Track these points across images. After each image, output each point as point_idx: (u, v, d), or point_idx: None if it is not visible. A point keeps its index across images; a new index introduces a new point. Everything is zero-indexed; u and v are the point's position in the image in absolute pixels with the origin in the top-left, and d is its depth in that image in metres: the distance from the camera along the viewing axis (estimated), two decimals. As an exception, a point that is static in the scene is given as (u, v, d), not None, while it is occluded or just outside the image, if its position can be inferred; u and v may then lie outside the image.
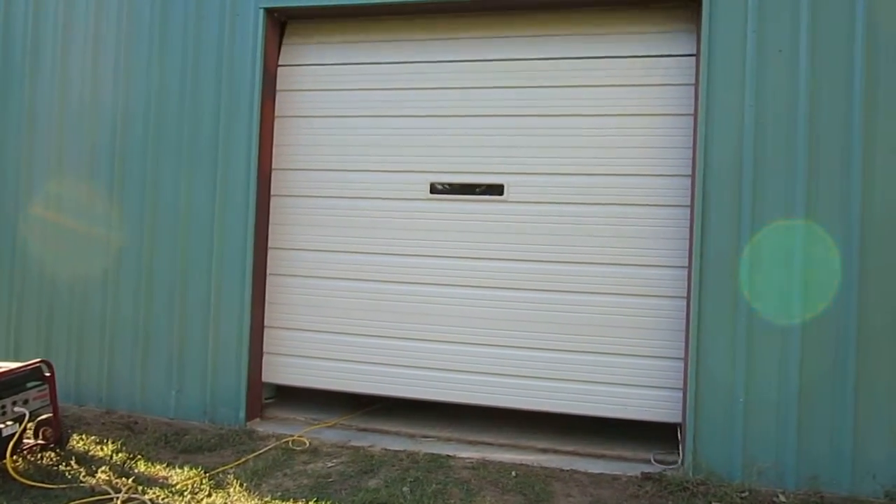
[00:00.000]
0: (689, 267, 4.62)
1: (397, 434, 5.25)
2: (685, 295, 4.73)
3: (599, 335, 4.97)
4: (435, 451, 4.82)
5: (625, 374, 4.92)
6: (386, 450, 4.85)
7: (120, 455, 4.55)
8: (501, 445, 5.06)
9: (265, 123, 5.41)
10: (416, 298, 5.30)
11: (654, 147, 4.90)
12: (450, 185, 5.26)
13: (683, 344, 4.73)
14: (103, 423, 5.24)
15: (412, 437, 5.20)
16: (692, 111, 4.78)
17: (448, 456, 4.74)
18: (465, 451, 4.90)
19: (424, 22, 5.36)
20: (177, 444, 4.85)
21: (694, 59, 4.80)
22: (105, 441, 4.79)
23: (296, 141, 5.58)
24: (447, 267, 5.25)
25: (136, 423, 5.28)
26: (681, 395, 4.78)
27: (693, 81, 4.80)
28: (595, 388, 4.98)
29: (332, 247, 5.47)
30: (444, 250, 5.25)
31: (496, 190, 5.18)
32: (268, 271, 5.57)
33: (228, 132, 5.37)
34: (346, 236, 5.44)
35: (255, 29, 5.32)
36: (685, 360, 4.67)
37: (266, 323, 5.57)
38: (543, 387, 5.07)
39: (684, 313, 4.74)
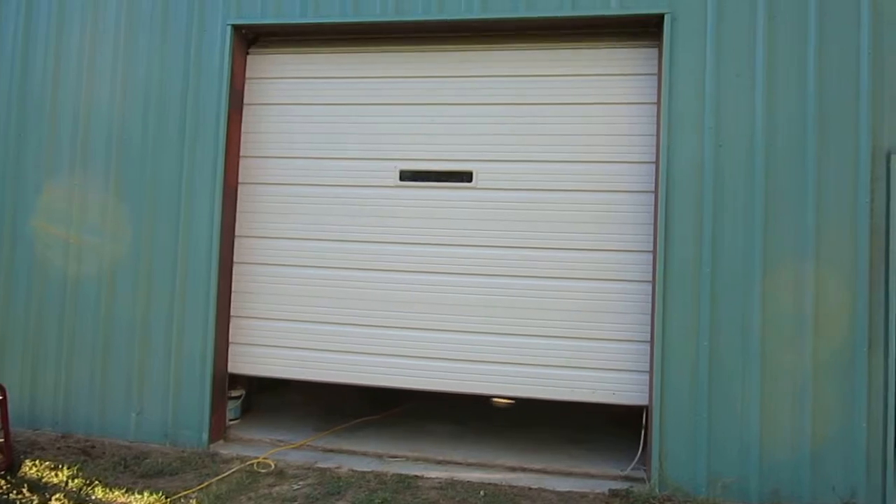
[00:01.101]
0: (655, 251, 4.72)
1: (364, 454, 5.19)
2: (651, 279, 4.81)
3: (569, 320, 4.99)
4: (403, 472, 4.77)
5: (594, 357, 4.96)
6: (353, 471, 4.78)
7: (76, 481, 4.39)
8: (469, 464, 5.04)
9: (233, 114, 5.36)
10: (386, 285, 5.27)
11: (619, 135, 5.00)
12: (419, 172, 5.27)
13: (650, 327, 4.80)
14: (59, 448, 5.06)
15: (379, 457, 5.14)
16: (656, 100, 4.90)
17: (416, 476, 4.70)
18: (433, 470, 4.87)
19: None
20: (136, 468, 4.70)
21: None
22: (60, 466, 4.62)
23: (265, 129, 5.54)
24: (417, 254, 5.24)
25: (94, 447, 5.11)
26: (647, 377, 4.83)
27: (656, 71, 4.94)
28: (565, 372, 4.99)
29: (300, 234, 5.41)
30: (413, 237, 5.25)
31: (465, 177, 5.21)
32: (234, 259, 5.48)
33: (196, 126, 5.32)
34: (315, 224, 5.40)
35: (222, 46, 5.30)
36: (651, 342, 4.73)
37: (232, 313, 5.46)
38: (514, 372, 5.07)
39: (650, 297, 4.81)
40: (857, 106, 4.44)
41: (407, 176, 5.29)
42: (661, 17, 4.73)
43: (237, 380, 6.06)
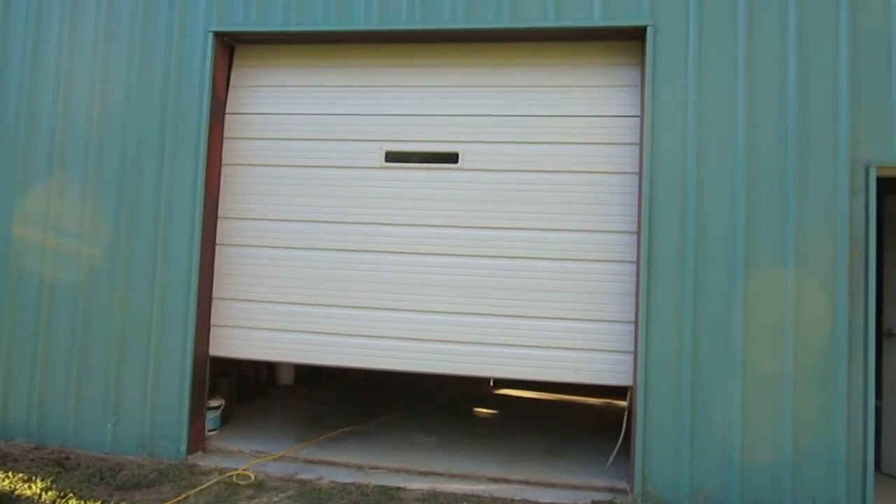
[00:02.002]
0: (639, 232, 4.74)
1: (346, 466, 5.13)
2: (635, 259, 4.82)
3: (554, 300, 4.97)
4: (384, 483, 4.73)
5: (579, 338, 4.94)
6: (334, 482, 4.73)
7: (49, 494, 4.28)
8: (452, 475, 5.00)
9: (215, 112, 5.32)
10: (372, 267, 5.22)
11: (602, 115, 5.03)
12: (404, 153, 5.25)
13: (634, 308, 4.80)
14: (32, 460, 4.94)
15: (361, 468, 5.09)
16: (639, 84, 4.94)
17: (398, 487, 4.65)
18: (416, 482, 4.82)
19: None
20: (112, 480, 4.61)
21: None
22: (33, 479, 4.51)
23: (249, 109, 5.49)
24: (402, 235, 5.20)
25: (69, 458, 5.00)
26: (632, 357, 4.82)
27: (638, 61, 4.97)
28: (550, 353, 4.96)
29: (285, 216, 5.36)
30: (399, 218, 5.22)
31: (451, 158, 5.21)
32: (217, 241, 5.42)
33: (176, 116, 5.28)
34: (299, 205, 5.35)
35: (203, 52, 5.27)
36: (636, 323, 4.74)
37: (214, 294, 5.40)
38: (497, 353, 5.03)
39: (634, 277, 4.82)
40: (837, 117, 4.49)
41: (393, 157, 5.27)
42: (643, 30, 4.77)
43: (217, 385, 6.00)
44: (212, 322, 5.39)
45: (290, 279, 5.32)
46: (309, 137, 5.40)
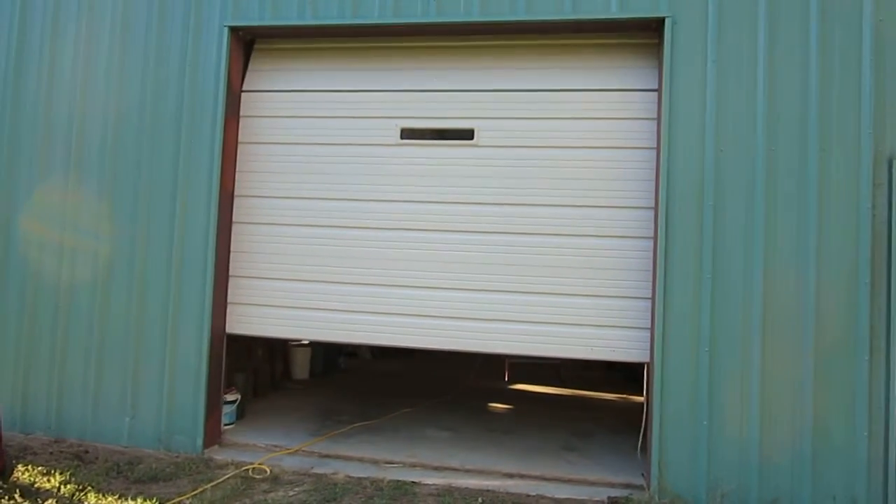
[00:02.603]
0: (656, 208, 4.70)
1: (360, 460, 5.13)
2: (653, 235, 4.76)
3: (570, 276, 4.94)
4: (399, 478, 4.72)
5: (595, 314, 4.90)
6: (349, 477, 4.73)
7: (68, 487, 4.32)
8: (467, 471, 4.99)
9: (232, 89, 5.34)
10: (386, 244, 5.22)
11: (621, 90, 4.98)
12: (420, 130, 5.24)
13: (651, 284, 4.75)
14: (51, 453, 4.99)
15: (376, 463, 5.09)
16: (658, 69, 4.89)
17: (413, 483, 4.65)
18: (430, 477, 4.81)
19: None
20: (130, 473, 4.64)
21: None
22: (53, 472, 4.56)
23: (264, 87, 5.50)
24: (418, 212, 5.19)
25: (87, 451, 5.05)
26: (648, 334, 4.78)
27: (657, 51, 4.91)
28: (566, 329, 4.92)
29: (301, 194, 5.37)
30: (415, 195, 5.21)
31: (467, 135, 5.18)
32: (233, 220, 5.43)
33: (193, 101, 5.31)
34: (315, 183, 5.35)
35: (219, 47, 5.27)
36: (653, 299, 4.69)
37: (231, 272, 5.41)
38: (513, 329, 5.00)
39: (652, 254, 4.76)
40: (859, 111, 4.41)
41: (408, 134, 5.25)
42: (661, 21, 4.70)
43: (233, 380, 6.02)
44: (228, 299, 5.41)
45: (305, 256, 5.32)
46: (324, 115, 5.41)
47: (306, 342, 8.58)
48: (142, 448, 5.17)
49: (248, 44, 5.57)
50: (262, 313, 5.38)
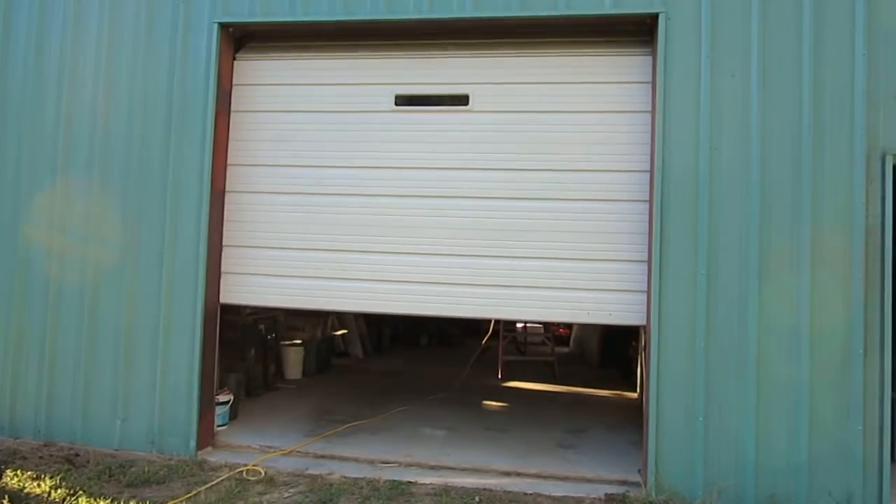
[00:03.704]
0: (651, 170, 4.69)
1: (356, 460, 5.10)
2: (648, 198, 4.76)
3: (564, 241, 4.93)
4: (395, 478, 4.69)
5: (591, 278, 4.88)
6: (345, 477, 4.69)
7: (59, 491, 4.26)
8: (463, 470, 4.96)
9: (222, 86, 5.27)
10: (381, 210, 5.17)
11: (612, 55, 4.98)
12: (414, 96, 5.21)
13: (647, 247, 4.76)
14: (41, 457, 4.92)
15: (371, 463, 5.06)
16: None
17: (409, 482, 4.62)
18: (427, 476, 4.78)
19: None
20: (122, 477, 4.58)
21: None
22: (42, 476, 4.49)
23: (259, 58, 5.46)
24: (413, 178, 5.15)
25: (78, 455, 4.98)
26: (644, 297, 4.77)
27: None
28: (563, 293, 4.91)
29: (294, 161, 5.31)
30: (408, 161, 5.17)
31: (461, 100, 5.14)
32: (227, 188, 5.37)
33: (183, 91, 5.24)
34: (309, 150, 5.30)
35: (208, 44, 5.20)
36: (648, 263, 4.69)
37: (224, 242, 5.35)
38: (509, 294, 4.98)
39: (647, 217, 4.76)
40: (853, 106, 4.42)
41: (403, 101, 5.21)
42: (655, 17, 4.68)
43: (225, 380, 5.96)
44: (222, 269, 5.35)
45: (301, 224, 5.27)
46: (316, 83, 5.35)
47: (299, 342, 8.54)
48: (134, 451, 5.10)
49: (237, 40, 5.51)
50: (256, 282, 5.31)
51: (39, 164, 5.43)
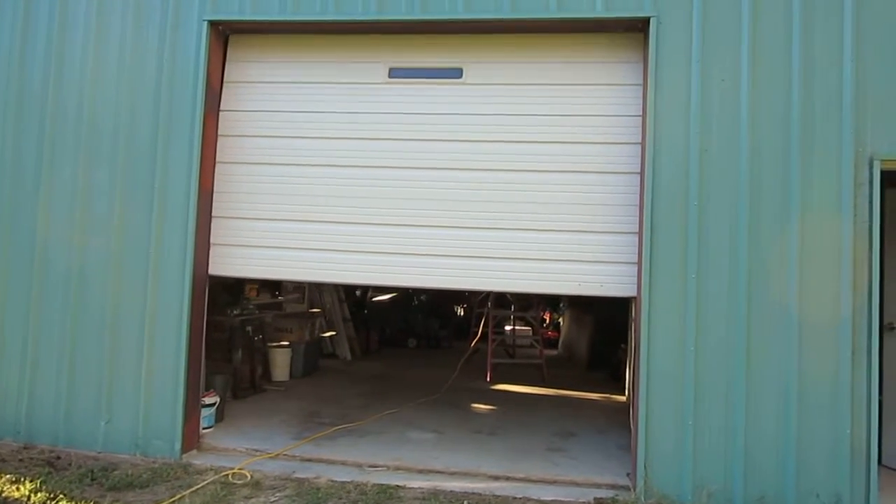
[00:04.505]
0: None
1: (344, 464, 5.04)
2: (639, 171, 4.78)
3: (557, 213, 4.93)
4: (383, 482, 4.64)
5: (582, 249, 4.89)
6: (332, 481, 4.64)
7: (39, 495, 4.17)
8: (451, 473, 4.92)
9: (211, 85, 5.21)
10: (374, 182, 5.15)
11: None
12: (408, 69, 5.21)
13: (637, 219, 4.77)
14: (21, 460, 4.83)
15: (359, 466, 5.01)
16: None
17: (397, 486, 4.57)
18: (415, 480, 4.74)
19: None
20: (105, 480, 4.49)
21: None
22: (22, 480, 4.40)
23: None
24: (406, 150, 5.13)
25: (59, 458, 4.89)
26: (635, 269, 4.78)
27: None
28: (554, 265, 4.90)
29: (286, 133, 5.29)
30: (401, 133, 5.15)
31: (455, 73, 5.15)
32: (216, 159, 5.32)
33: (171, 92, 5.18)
34: (301, 122, 5.27)
35: (198, 42, 5.14)
36: (639, 234, 4.70)
37: (214, 213, 5.30)
38: (504, 266, 4.97)
39: (638, 188, 4.78)
40: (841, 110, 4.44)
41: (396, 73, 5.22)
42: (646, 21, 4.69)
43: (212, 382, 5.89)
44: (211, 241, 5.30)
45: (291, 196, 5.23)
46: (309, 60, 5.34)
47: (286, 343, 8.47)
48: (117, 453, 5.01)
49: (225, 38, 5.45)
50: (246, 254, 5.28)
51: (24, 150, 5.35)
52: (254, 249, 5.28)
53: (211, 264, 5.30)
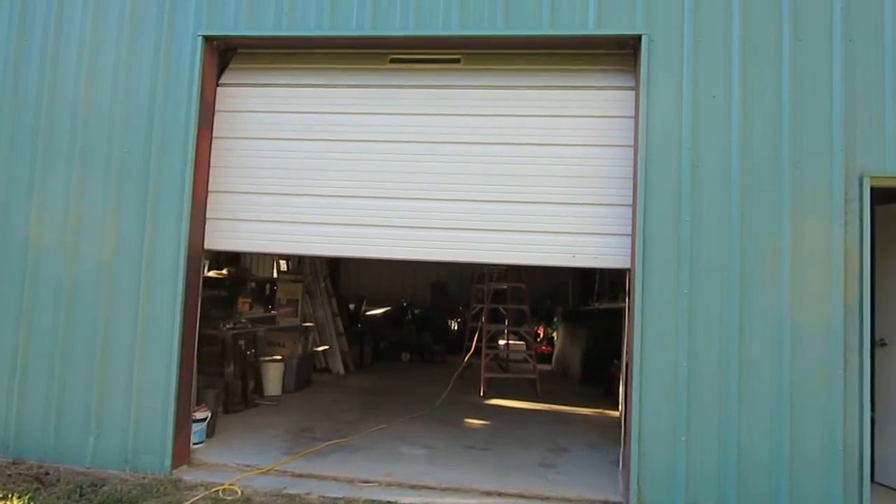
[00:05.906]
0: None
1: (335, 479, 5.00)
2: (633, 144, 4.82)
3: (552, 185, 4.96)
4: (375, 497, 4.61)
5: (577, 221, 4.92)
6: (324, 497, 4.60)
7: (27, 511, 4.13)
8: (444, 489, 4.89)
9: (205, 99, 5.23)
10: (371, 156, 5.18)
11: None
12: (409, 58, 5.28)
13: (632, 191, 4.79)
14: (9, 475, 4.77)
15: (351, 482, 4.97)
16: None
17: (389, 502, 4.54)
18: (407, 496, 4.71)
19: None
20: (93, 496, 4.45)
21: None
22: (10, 496, 4.34)
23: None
24: (400, 124, 5.18)
25: (48, 473, 4.84)
26: (630, 241, 4.80)
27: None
28: (548, 237, 4.93)
29: (284, 108, 5.33)
30: (399, 108, 5.20)
31: (453, 59, 5.22)
32: (213, 134, 5.35)
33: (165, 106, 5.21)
34: (300, 97, 5.32)
35: (192, 57, 5.17)
36: (633, 206, 4.71)
37: (210, 188, 5.31)
38: (499, 238, 5.00)
39: (632, 161, 4.81)
40: (831, 128, 4.49)
41: (397, 60, 5.28)
42: (638, 39, 4.75)
43: (203, 396, 5.85)
44: (207, 215, 5.31)
45: (287, 170, 5.26)
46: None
47: (279, 357, 8.43)
48: (107, 469, 4.97)
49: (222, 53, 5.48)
50: (242, 228, 5.29)
51: (18, 149, 5.36)
52: (250, 224, 5.31)
53: (207, 237, 5.33)
